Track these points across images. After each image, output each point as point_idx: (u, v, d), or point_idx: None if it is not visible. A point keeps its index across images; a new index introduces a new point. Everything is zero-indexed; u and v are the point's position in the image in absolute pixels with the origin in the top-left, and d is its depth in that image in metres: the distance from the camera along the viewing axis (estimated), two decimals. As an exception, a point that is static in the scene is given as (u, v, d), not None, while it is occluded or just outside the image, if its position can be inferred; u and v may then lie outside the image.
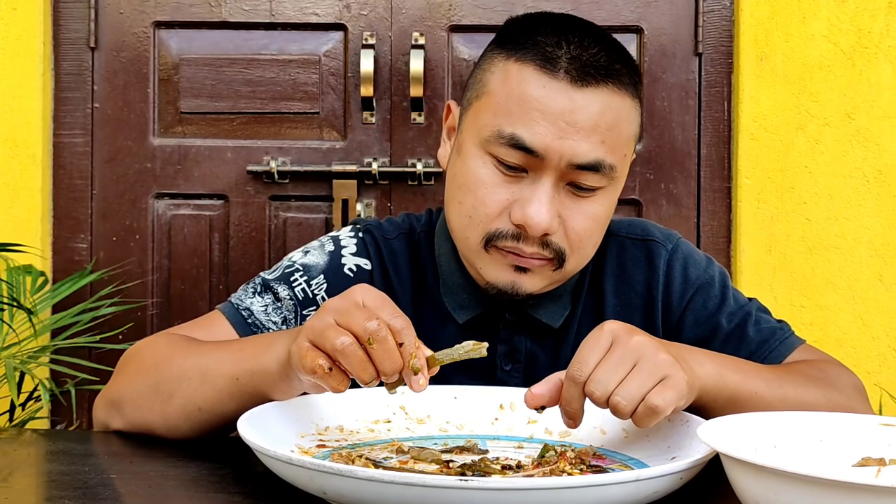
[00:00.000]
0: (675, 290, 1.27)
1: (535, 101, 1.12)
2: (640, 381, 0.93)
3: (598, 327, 0.98)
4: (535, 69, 1.14)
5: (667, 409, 0.93)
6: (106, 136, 2.43)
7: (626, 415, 0.93)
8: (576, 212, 1.15)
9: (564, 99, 1.12)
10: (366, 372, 0.93)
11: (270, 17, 2.42)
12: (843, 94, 2.35)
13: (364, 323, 0.92)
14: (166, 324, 2.37)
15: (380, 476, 0.78)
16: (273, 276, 1.27)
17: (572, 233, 1.15)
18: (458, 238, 1.20)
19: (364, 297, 0.96)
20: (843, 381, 1.19)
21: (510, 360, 1.26)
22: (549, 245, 1.15)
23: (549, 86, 1.12)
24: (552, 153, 1.12)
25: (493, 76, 1.17)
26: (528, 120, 1.12)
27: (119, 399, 1.14)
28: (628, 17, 2.42)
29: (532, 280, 1.17)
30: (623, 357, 0.94)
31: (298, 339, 0.95)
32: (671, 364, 0.95)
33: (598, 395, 0.93)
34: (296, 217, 2.43)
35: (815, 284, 2.35)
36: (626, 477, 0.81)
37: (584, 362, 0.95)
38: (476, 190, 1.16)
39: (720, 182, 2.41)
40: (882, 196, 2.34)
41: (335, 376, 0.94)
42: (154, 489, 0.93)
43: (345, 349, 0.92)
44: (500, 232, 1.15)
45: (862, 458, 0.88)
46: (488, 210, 1.15)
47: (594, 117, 1.12)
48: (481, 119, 1.17)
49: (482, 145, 1.16)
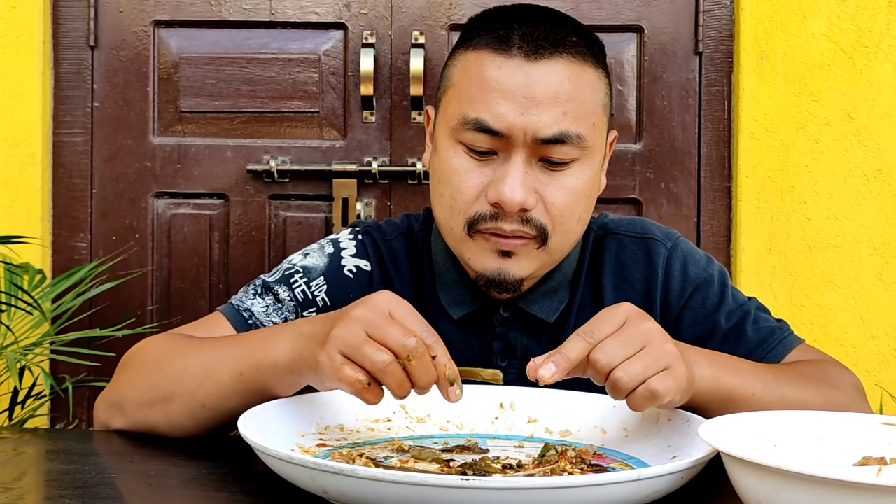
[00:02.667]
0: (674, 288, 1.27)
1: (493, 82, 1.15)
2: (646, 364, 0.94)
3: (614, 306, 0.99)
4: (490, 52, 1.16)
5: (665, 397, 0.94)
6: (106, 135, 2.43)
7: (623, 392, 0.93)
8: (553, 187, 1.16)
9: (520, 75, 1.14)
10: (403, 389, 0.95)
11: (270, 16, 2.42)
12: (844, 93, 2.35)
13: (402, 340, 0.93)
14: (166, 322, 2.37)
15: (381, 475, 0.78)
16: (273, 279, 1.27)
17: (552, 207, 1.16)
18: (445, 231, 1.22)
19: (390, 307, 0.97)
20: (842, 381, 1.18)
21: (506, 356, 1.26)
22: (529, 221, 1.15)
23: (505, 65, 1.15)
24: (516, 130, 1.13)
25: (455, 69, 1.21)
26: (489, 101, 1.14)
27: (121, 399, 1.14)
28: (628, 17, 2.42)
29: (518, 264, 1.18)
30: (633, 337, 0.95)
31: (328, 350, 0.95)
32: (676, 356, 0.96)
33: (603, 363, 0.94)
34: (296, 216, 2.43)
35: (815, 284, 2.35)
36: (628, 476, 0.81)
37: (598, 330, 0.96)
38: (452, 179, 1.17)
39: (720, 181, 2.41)
40: (882, 195, 2.35)
41: (373, 391, 0.95)
42: (155, 488, 0.93)
43: (385, 368, 0.93)
44: (479, 214, 1.16)
45: (863, 457, 0.88)
46: (465, 196, 1.17)
47: (553, 89, 1.14)
48: (449, 111, 1.19)
49: (452, 135, 1.18)
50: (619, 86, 2.42)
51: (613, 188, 2.40)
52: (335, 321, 0.97)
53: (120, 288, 2.38)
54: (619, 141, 2.41)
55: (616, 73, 2.42)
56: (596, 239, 1.30)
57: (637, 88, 2.42)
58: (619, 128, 2.42)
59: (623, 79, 2.42)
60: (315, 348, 0.97)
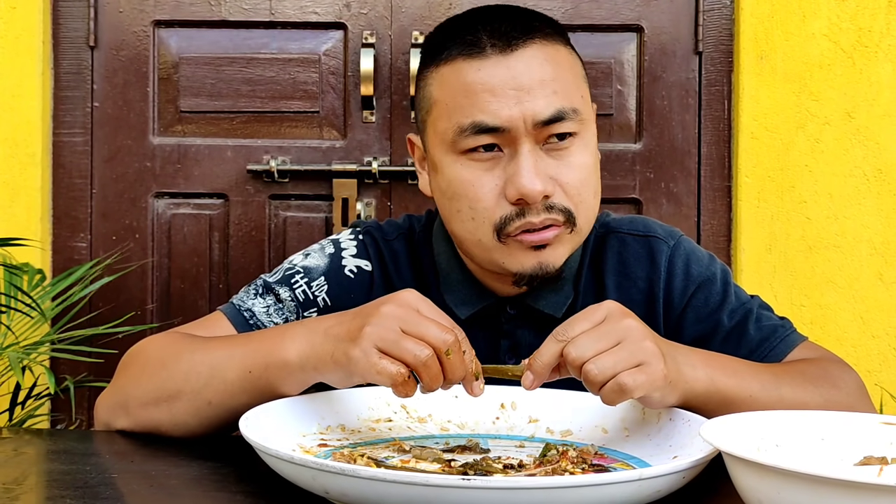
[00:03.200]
0: (676, 286, 1.27)
1: (478, 85, 1.15)
2: (618, 359, 0.95)
3: (596, 304, 1.01)
4: (463, 59, 1.16)
5: (634, 392, 0.95)
6: (106, 135, 2.43)
7: (594, 385, 0.95)
8: (563, 168, 1.16)
9: (502, 70, 1.15)
10: (437, 382, 0.97)
11: (270, 16, 2.42)
12: (844, 92, 2.35)
13: (442, 335, 0.96)
14: (166, 323, 2.37)
15: (383, 475, 0.78)
16: (274, 279, 1.27)
17: (569, 188, 1.16)
18: (472, 244, 1.20)
19: (418, 305, 0.99)
20: (843, 380, 1.18)
21: (513, 353, 1.26)
22: (553, 207, 1.16)
23: (483, 66, 1.15)
24: (515, 121, 1.14)
25: (432, 88, 1.20)
26: (481, 103, 1.14)
27: (124, 399, 1.14)
28: (628, 16, 2.42)
29: (555, 252, 1.18)
30: (609, 332, 0.97)
31: (362, 345, 0.96)
32: (653, 353, 0.97)
33: (573, 356, 0.96)
34: (296, 216, 2.43)
35: (816, 283, 2.35)
36: (629, 476, 0.81)
37: (572, 327, 0.98)
38: (466, 192, 1.17)
39: (720, 181, 2.41)
40: (882, 195, 2.35)
41: (411, 383, 0.97)
42: (156, 488, 0.93)
43: (427, 361, 0.96)
44: (505, 217, 1.16)
45: (864, 456, 0.88)
46: (486, 203, 1.16)
47: (536, 72, 1.15)
48: (439, 128, 1.19)
49: (450, 150, 1.17)
50: (619, 85, 2.42)
51: (614, 188, 2.40)
52: (365, 318, 0.98)
53: (120, 288, 2.38)
54: (619, 141, 2.42)
55: (616, 72, 2.42)
56: (598, 237, 1.30)
57: (637, 88, 2.42)
58: (619, 127, 2.42)
59: (623, 78, 2.42)
60: (344, 345, 0.98)
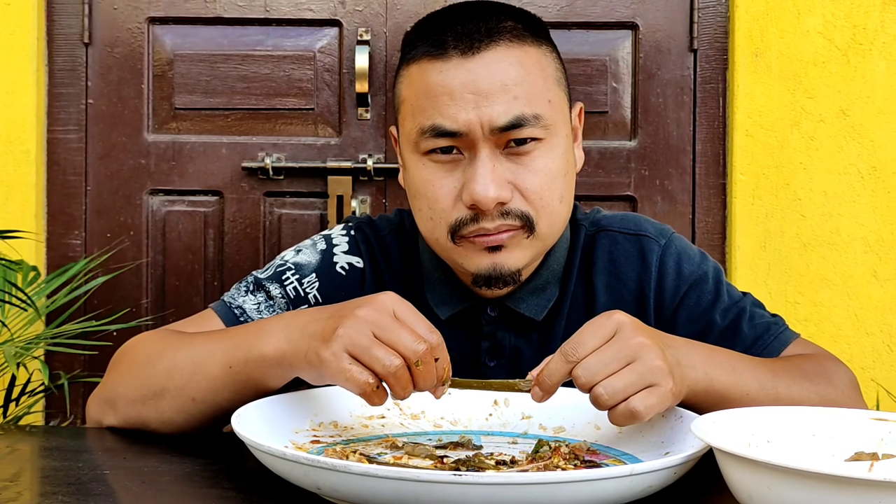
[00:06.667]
0: (667, 286, 1.26)
1: (438, 87, 1.15)
2: (628, 382, 0.93)
3: (606, 313, 0.98)
4: (428, 59, 1.17)
5: (645, 416, 0.94)
6: (100, 133, 2.43)
7: (604, 408, 0.94)
8: (524, 173, 1.15)
9: (462, 73, 1.14)
10: (407, 392, 0.96)
11: (265, 12, 2.42)
12: (838, 90, 2.35)
13: (413, 346, 0.94)
14: (160, 320, 2.37)
15: (374, 471, 0.78)
16: (265, 276, 1.27)
17: (529, 193, 1.16)
18: (432, 243, 1.22)
19: (395, 308, 0.97)
20: (838, 377, 1.18)
21: (494, 355, 1.25)
22: (509, 213, 1.15)
23: (444, 68, 1.15)
24: (473, 126, 1.13)
25: (402, 86, 1.21)
26: (439, 106, 1.14)
27: (112, 396, 1.14)
28: (623, 14, 2.42)
29: (511, 255, 1.17)
30: (620, 352, 0.94)
31: (333, 347, 0.94)
32: (664, 373, 0.95)
33: (583, 380, 0.94)
34: (290, 213, 2.43)
35: (810, 280, 2.35)
36: (620, 472, 0.81)
37: (582, 344, 0.95)
38: (426, 191, 1.18)
39: (715, 178, 2.41)
40: (876, 192, 2.35)
41: (381, 393, 0.95)
42: (147, 485, 0.93)
43: (396, 372, 0.93)
44: (459, 220, 1.16)
45: (855, 452, 0.88)
46: (442, 204, 1.16)
47: (497, 77, 1.14)
48: (406, 127, 1.20)
49: (415, 149, 1.18)
50: (614, 83, 2.42)
51: (608, 185, 2.40)
52: (339, 319, 0.96)
53: (115, 285, 2.37)
54: (614, 138, 2.42)
55: (611, 70, 2.42)
56: (588, 235, 1.29)
57: (632, 85, 2.42)
58: (614, 125, 2.42)
59: (618, 76, 2.42)
60: (317, 345, 0.96)
